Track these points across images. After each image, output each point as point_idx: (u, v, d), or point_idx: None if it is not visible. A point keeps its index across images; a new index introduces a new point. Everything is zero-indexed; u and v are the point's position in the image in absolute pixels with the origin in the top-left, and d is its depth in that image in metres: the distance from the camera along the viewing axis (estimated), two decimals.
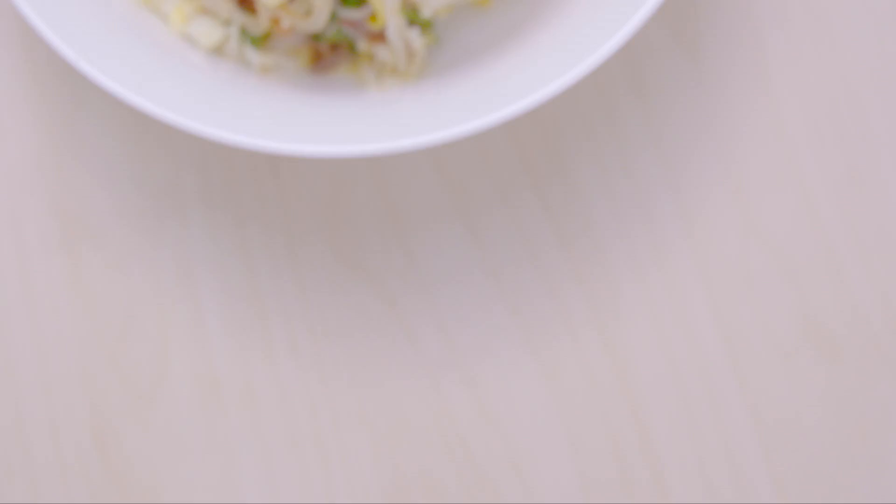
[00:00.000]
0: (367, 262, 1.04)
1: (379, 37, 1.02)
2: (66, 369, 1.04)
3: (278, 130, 0.94)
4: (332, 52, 1.04)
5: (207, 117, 0.93)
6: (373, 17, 1.00)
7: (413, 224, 1.05)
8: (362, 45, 1.03)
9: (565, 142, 1.06)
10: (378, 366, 1.03)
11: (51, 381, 1.03)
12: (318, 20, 0.99)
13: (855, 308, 1.04)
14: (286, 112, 0.97)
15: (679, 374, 1.03)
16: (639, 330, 1.03)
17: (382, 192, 1.05)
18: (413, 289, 1.04)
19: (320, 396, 1.02)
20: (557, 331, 1.03)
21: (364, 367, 1.03)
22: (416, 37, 1.01)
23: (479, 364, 1.03)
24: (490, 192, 1.05)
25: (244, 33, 1.03)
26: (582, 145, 1.06)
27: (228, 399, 1.03)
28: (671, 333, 1.03)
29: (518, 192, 1.05)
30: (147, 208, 1.06)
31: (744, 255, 1.04)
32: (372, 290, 1.04)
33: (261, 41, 1.03)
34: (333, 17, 1.01)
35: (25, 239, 1.06)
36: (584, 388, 1.02)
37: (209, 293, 1.04)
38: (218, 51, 1.03)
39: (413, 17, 1.01)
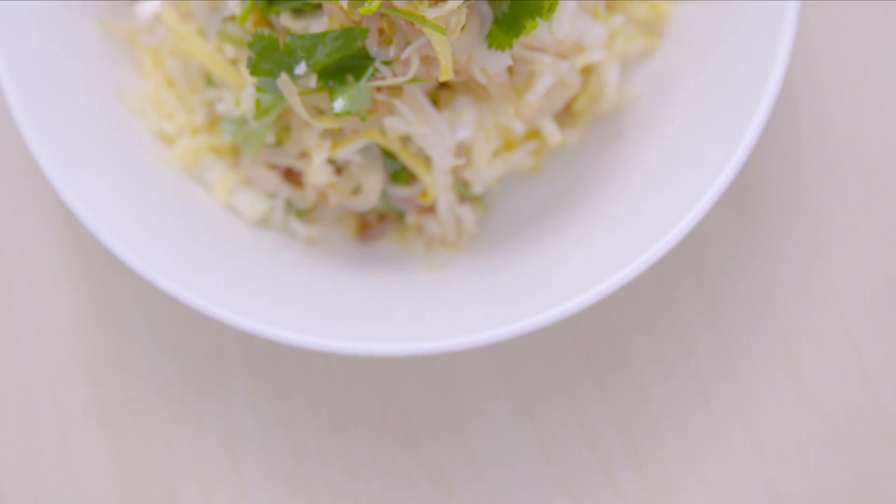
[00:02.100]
0: (416, 440, 1.02)
1: (429, 210, 0.99)
2: None
3: (325, 324, 0.90)
4: (379, 223, 1.01)
5: (251, 309, 0.90)
6: (423, 193, 0.97)
7: (465, 403, 1.02)
8: (411, 217, 1.00)
9: (621, 324, 1.03)
10: None
11: None
12: (368, 200, 0.96)
13: None
14: (332, 299, 0.94)
15: None
16: None
17: (433, 369, 1.03)
18: (466, 470, 1.01)
19: None
20: None
21: None
22: (466, 213, 0.98)
23: None
24: (545, 375, 1.02)
25: (289, 206, 1.00)
26: (638, 327, 1.03)
27: None
28: None
29: (574, 375, 1.02)
30: (189, 377, 1.03)
31: (799, 430, 1.02)
32: (422, 470, 1.01)
33: (306, 213, 1.01)
34: (383, 194, 0.98)
35: (64, 408, 1.03)
36: None
37: (253, 468, 1.02)
38: (262, 222, 1.00)
39: (464, 192, 0.98)
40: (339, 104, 0.86)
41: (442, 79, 0.83)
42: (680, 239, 0.91)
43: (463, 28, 0.84)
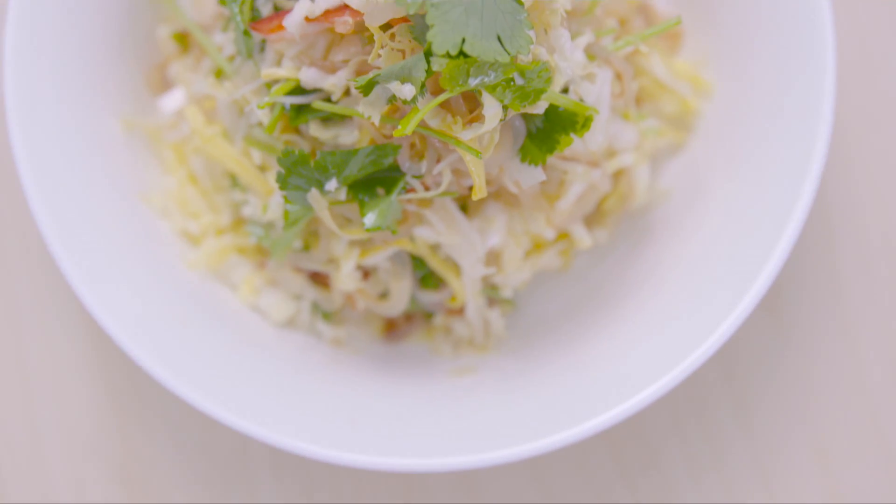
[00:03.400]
0: None
1: (457, 311, 0.98)
2: None
3: (353, 438, 0.88)
4: (406, 322, 1.00)
5: (278, 422, 0.88)
6: (452, 297, 0.96)
7: None
8: (439, 318, 0.99)
9: (651, 425, 1.02)
10: None
11: None
12: (397, 306, 0.95)
13: None
14: (359, 408, 0.92)
15: None
16: None
17: (461, 474, 1.01)
18: None
19: None
20: None
21: None
22: (495, 317, 0.97)
23: None
24: (575, 480, 1.01)
25: (316, 307, 0.98)
26: (668, 429, 1.02)
27: None
28: None
29: (605, 479, 1.01)
30: (214, 475, 1.02)
31: None
32: None
33: (333, 314, 0.99)
34: (411, 297, 0.97)
35: None
36: None
37: None
38: (288, 323, 0.99)
39: (493, 294, 0.97)
40: (369, 220, 0.85)
41: (475, 198, 0.82)
42: (716, 350, 0.89)
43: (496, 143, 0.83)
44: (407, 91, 0.77)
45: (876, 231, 1.04)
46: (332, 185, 0.84)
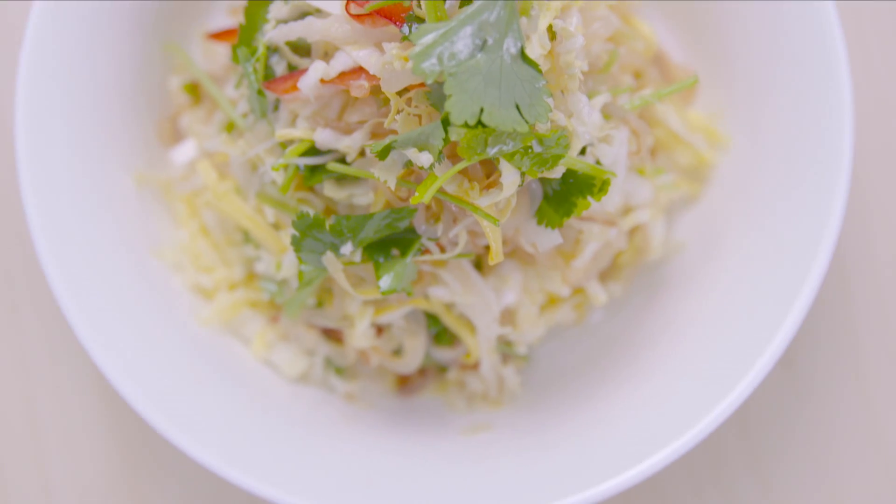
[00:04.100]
0: None
1: (471, 366, 0.97)
2: None
3: (365, 497, 0.88)
4: (420, 376, 0.99)
5: (289, 484, 0.87)
6: (467, 354, 0.95)
7: None
8: (453, 373, 0.98)
9: (668, 487, 1.01)
10: None
11: None
12: (411, 363, 0.94)
13: None
14: (373, 468, 0.91)
15: None
16: None
17: None
18: None
19: None
20: None
21: None
22: (510, 374, 0.96)
23: None
24: None
25: (329, 362, 0.98)
26: (683, 483, 1.01)
27: None
28: None
29: None
30: None
31: None
32: None
33: (346, 369, 0.99)
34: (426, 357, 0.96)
35: None
36: None
37: None
38: (301, 377, 0.98)
39: (507, 350, 0.96)
40: (385, 282, 0.84)
41: (492, 263, 0.81)
42: (734, 410, 0.88)
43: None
44: (424, 159, 0.76)
45: (893, 285, 1.03)
46: (347, 248, 0.84)
